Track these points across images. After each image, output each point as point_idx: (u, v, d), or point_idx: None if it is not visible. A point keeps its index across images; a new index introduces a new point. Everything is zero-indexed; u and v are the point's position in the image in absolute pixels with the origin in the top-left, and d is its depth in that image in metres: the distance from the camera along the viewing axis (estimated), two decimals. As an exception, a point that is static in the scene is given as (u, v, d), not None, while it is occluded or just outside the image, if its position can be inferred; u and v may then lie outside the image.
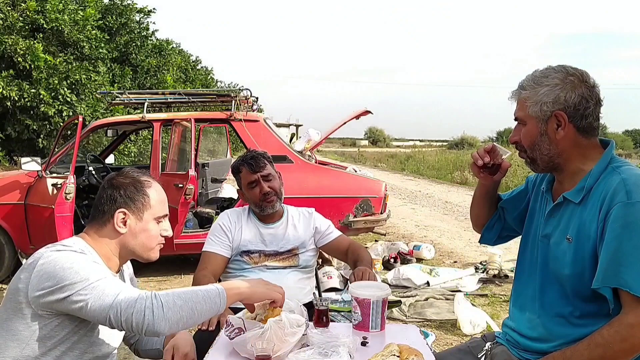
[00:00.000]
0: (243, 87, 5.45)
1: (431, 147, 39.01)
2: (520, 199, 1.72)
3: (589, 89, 1.41)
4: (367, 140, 62.04)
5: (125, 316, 1.28)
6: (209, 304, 1.36)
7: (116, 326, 1.30)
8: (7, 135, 10.76)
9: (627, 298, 1.30)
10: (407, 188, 13.76)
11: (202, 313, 1.35)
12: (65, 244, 1.44)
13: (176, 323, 1.31)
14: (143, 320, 1.28)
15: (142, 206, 1.52)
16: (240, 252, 2.23)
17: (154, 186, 1.57)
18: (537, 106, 1.42)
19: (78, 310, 1.32)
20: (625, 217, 1.30)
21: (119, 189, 1.51)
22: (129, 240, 1.51)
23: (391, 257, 5.26)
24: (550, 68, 1.45)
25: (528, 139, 1.47)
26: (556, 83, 1.41)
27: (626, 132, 63.70)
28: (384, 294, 1.70)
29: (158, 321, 1.28)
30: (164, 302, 1.31)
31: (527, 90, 1.45)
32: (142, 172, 1.60)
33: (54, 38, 11.17)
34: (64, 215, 4.23)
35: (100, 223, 1.51)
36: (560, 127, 1.42)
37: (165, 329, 1.30)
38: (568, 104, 1.40)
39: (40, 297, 1.33)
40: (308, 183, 4.85)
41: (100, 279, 1.34)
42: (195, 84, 19.39)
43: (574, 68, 1.44)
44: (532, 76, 1.46)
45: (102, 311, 1.29)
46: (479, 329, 3.46)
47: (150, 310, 1.28)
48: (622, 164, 1.42)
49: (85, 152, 6.87)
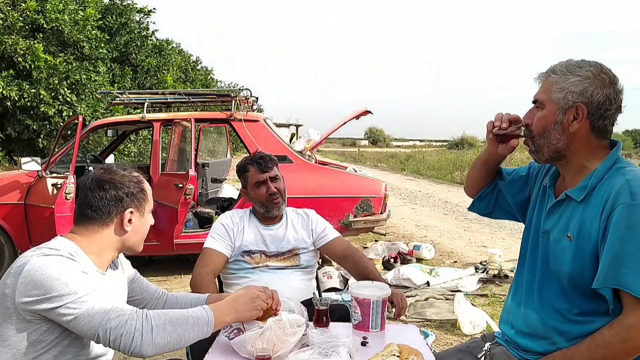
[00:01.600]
0: (243, 87, 5.46)
1: (431, 147, 39.01)
2: (521, 186, 1.70)
3: (616, 93, 1.40)
4: (367, 140, 61.99)
5: (114, 336, 1.29)
6: (197, 332, 1.39)
7: (103, 344, 1.31)
8: (7, 135, 10.77)
9: (628, 299, 1.30)
10: (407, 188, 13.76)
11: (188, 340, 1.38)
12: (51, 246, 1.40)
13: (162, 348, 1.33)
14: (131, 342, 1.29)
15: (143, 202, 1.53)
16: (241, 252, 2.23)
17: (143, 179, 1.58)
18: (562, 93, 1.40)
19: (66, 322, 1.31)
20: (629, 219, 1.30)
21: (122, 189, 1.49)
22: (131, 237, 1.51)
23: (391, 257, 5.26)
24: (586, 61, 1.44)
25: (541, 124, 1.45)
26: (588, 76, 1.39)
27: (626, 132, 63.70)
28: (384, 294, 1.70)
29: (145, 345, 1.30)
30: (154, 325, 1.32)
31: (557, 75, 1.43)
32: (127, 166, 1.60)
33: (54, 38, 11.17)
34: (64, 215, 4.23)
35: (100, 223, 1.47)
36: (577, 120, 1.40)
37: (151, 352, 1.31)
38: (593, 99, 1.38)
39: (27, 304, 1.31)
40: (308, 183, 4.85)
41: (88, 293, 1.32)
42: (195, 84, 19.40)
43: (609, 68, 1.43)
44: (566, 63, 1.44)
45: (90, 328, 1.29)
46: (479, 329, 3.46)
47: (140, 333, 1.30)
48: (627, 165, 1.41)
49: (85, 152, 6.87)
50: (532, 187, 1.67)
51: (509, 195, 1.72)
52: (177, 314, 1.39)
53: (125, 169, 1.56)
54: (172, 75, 15.53)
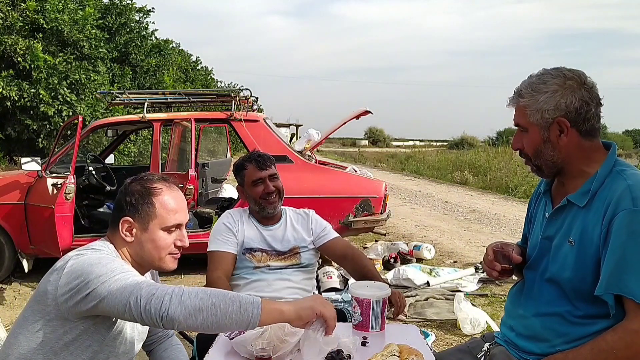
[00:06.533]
0: (243, 87, 5.46)
1: (431, 147, 38.98)
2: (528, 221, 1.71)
3: (588, 91, 1.39)
4: (367, 140, 61.97)
5: (145, 301, 1.24)
6: (237, 307, 1.26)
7: (135, 314, 1.25)
8: (7, 135, 10.77)
9: (630, 305, 1.30)
10: (407, 188, 13.75)
11: (226, 314, 1.25)
12: (95, 247, 1.43)
13: (193, 313, 1.23)
14: (161, 305, 1.22)
15: (147, 215, 1.46)
16: (244, 250, 2.22)
17: (165, 194, 1.48)
18: (538, 114, 1.40)
19: (100, 302, 1.28)
20: (631, 225, 1.30)
21: (126, 196, 1.47)
22: (137, 250, 1.47)
23: (391, 257, 5.25)
24: (546, 73, 1.43)
25: (531, 147, 1.46)
26: (555, 89, 1.38)
27: (626, 132, 63.65)
28: (384, 294, 1.70)
29: (174, 307, 1.22)
30: (186, 291, 1.26)
31: (526, 98, 1.42)
32: (161, 177, 1.54)
33: (53, 38, 11.16)
34: (64, 215, 4.23)
35: (113, 229, 1.49)
36: (563, 133, 1.40)
37: (180, 317, 1.23)
38: (569, 109, 1.38)
39: (68, 299, 1.32)
40: (308, 183, 4.85)
41: (126, 272, 1.32)
42: (195, 84, 19.40)
43: (570, 70, 1.42)
44: (528, 82, 1.43)
45: (122, 299, 1.26)
46: (479, 329, 3.46)
47: (170, 295, 1.24)
48: (627, 168, 1.41)
49: (85, 152, 6.86)
50: (533, 207, 1.68)
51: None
52: (216, 289, 1.32)
53: (153, 179, 1.51)
54: (172, 75, 15.53)
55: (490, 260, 1.57)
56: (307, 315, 1.34)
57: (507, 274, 1.58)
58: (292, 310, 1.33)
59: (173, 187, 1.52)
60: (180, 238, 1.50)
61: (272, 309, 1.31)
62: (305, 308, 1.34)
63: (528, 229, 1.69)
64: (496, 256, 1.56)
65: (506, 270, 1.56)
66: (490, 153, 18.00)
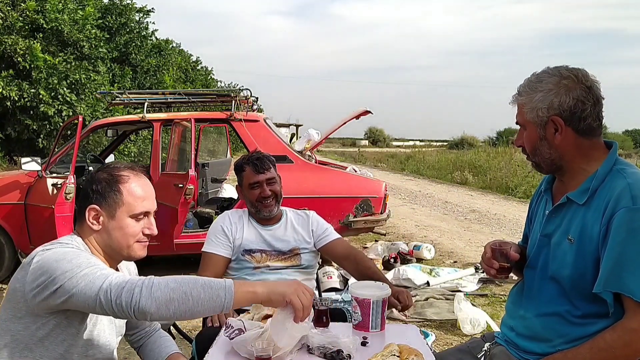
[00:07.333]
0: (243, 87, 5.46)
1: (431, 147, 38.98)
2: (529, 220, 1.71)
3: (584, 90, 1.39)
4: (367, 140, 61.96)
5: (116, 295, 1.23)
6: (209, 294, 1.25)
7: (107, 308, 1.25)
8: (7, 135, 10.78)
9: (629, 304, 1.30)
10: (407, 188, 13.75)
11: (198, 301, 1.24)
12: (61, 241, 1.42)
13: (165, 304, 1.22)
14: (131, 298, 1.22)
15: (114, 203, 1.44)
16: (242, 251, 2.22)
17: (132, 181, 1.47)
18: (533, 112, 1.43)
19: (69, 298, 1.27)
20: (630, 223, 1.30)
21: (92, 184, 1.46)
22: (105, 238, 1.46)
23: (391, 257, 5.25)
24: (544, 72, 1.45)
25: (529, 144, 1.48)
26: (550, 88, 1.40)
27: (626, 132, 63.60)
28: (384, 294, 1.70)
29: (144, 299, 1.21)
30: (156, 282, 1.24)
31: (523, 96, 1.46)
32: (127, 165, 1.53)
33: (53, 38, 11.17)
34: (64, 215, 4.23)
35: (80, 219, 1.47)
36: (558, 131, 1.42)
37: (152, 308, 1.22)
38: (563, 108, 1.39)
39: (36, 295, 1.31)
40: (308, 183, 4.85)
41: (93, 266, 1.30)
42: (195, 84, 19.40)
43: (569, 69, 1.43)
44: (527, 81, 1.46)
45: (92, 293, 1.25)
46: (479, 329, 3.46)
47: (140, 288, 1.23)
48: (627, 167, 1.41)
49: (85, 152, 6.87)
50: (533, 206, 1.68)
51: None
52: (186, 276, 1.30)
53: (119, 167, 1.50)
54: (172, 75, 15.54)
55: (488, 258, 1.58)
56: (277, 300, 1.34)
57: (506, 272, 1.58)
58: (265, 293, 1.33)
59: (140, 175, 1.52)
60: (148, 226, 1.50)
61: (245, 291, 1.31)
62: (277, 293, 1.33)
63: (529, 228, 1.70)
64: (494, 254, 1.57)
65: (504, 268, 1.56)
66: (490, 153, 18.02)
